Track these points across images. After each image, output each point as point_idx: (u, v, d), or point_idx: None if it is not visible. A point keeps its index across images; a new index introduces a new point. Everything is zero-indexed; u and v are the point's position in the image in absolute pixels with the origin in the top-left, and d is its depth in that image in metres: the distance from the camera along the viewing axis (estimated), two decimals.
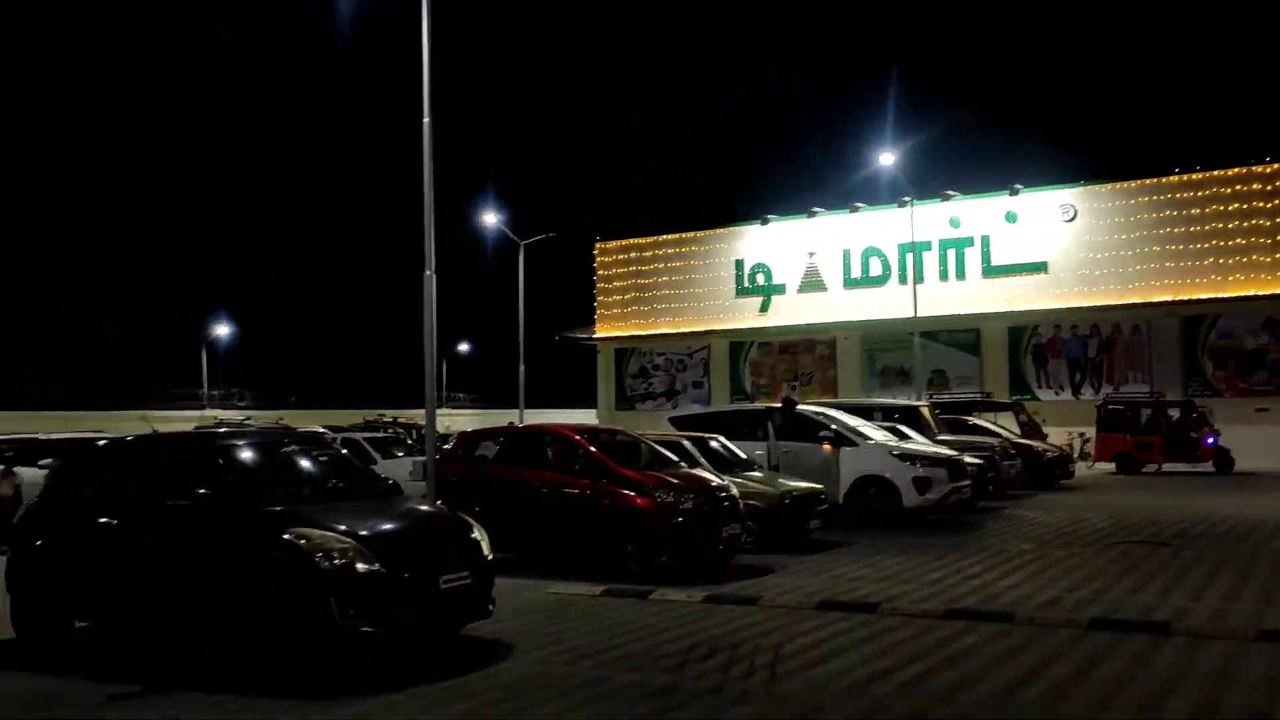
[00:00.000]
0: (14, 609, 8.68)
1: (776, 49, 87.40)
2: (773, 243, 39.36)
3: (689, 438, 14.36)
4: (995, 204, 35.01)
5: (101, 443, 10.27)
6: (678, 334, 41.24)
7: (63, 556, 8.55)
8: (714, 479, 12.04)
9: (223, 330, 52.83)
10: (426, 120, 14.14)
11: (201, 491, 7.80)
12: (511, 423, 28.27)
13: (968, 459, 17.07)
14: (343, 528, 7.44)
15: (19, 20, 71.00)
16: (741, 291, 39.88)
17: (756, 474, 14.02)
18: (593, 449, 11.83)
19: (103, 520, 8.39)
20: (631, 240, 43.11)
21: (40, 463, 16.82)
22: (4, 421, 28.87)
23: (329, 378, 61.85)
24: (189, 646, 7.91)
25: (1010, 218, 34.58)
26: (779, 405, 17.06)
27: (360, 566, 7.20)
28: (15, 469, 16.34)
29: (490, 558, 8.15)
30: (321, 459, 9.39)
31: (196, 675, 7.25)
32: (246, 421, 30.17)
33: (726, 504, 11.54)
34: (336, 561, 7.16)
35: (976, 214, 35.23)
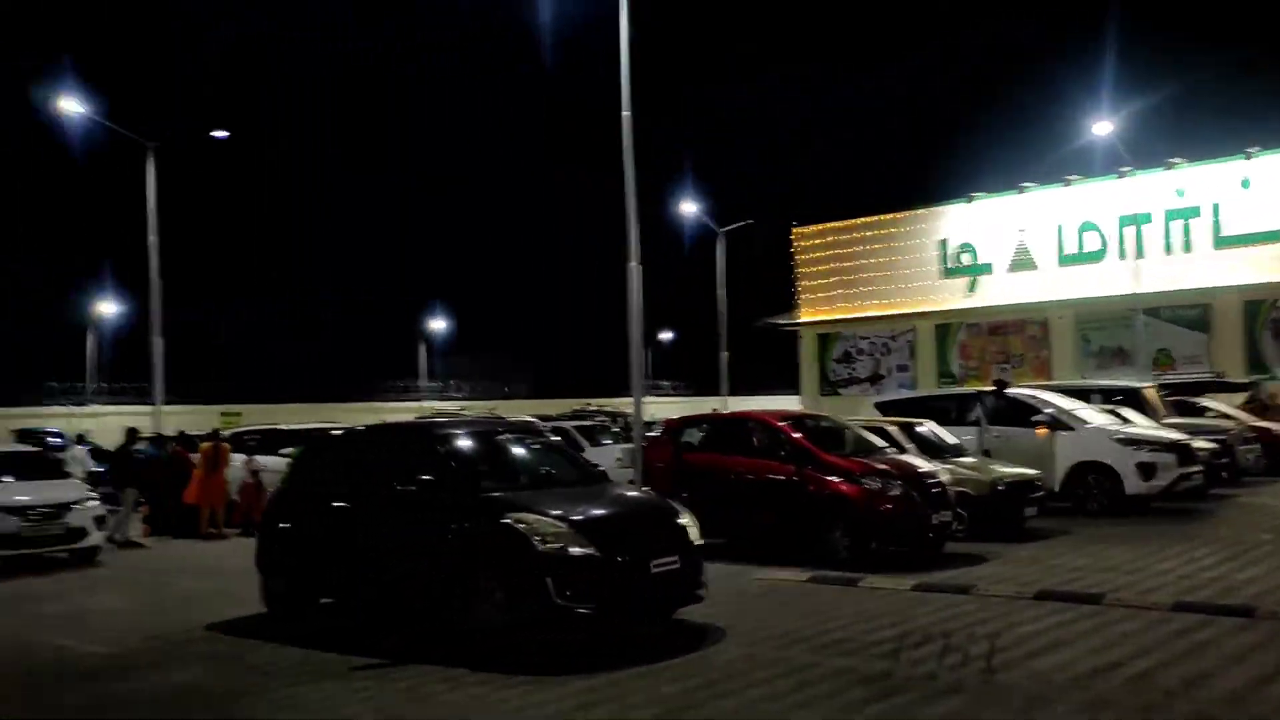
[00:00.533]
0: (264, 587, 9.47)
1: (978, 11, 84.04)
2: (979, 221, 37.93)
3: (895, 423, 14.13)
4: (1227, 170, 32.55)
5: (335, 432, 11.04)
6: (881, 317, 40.40)
7: (304, 539, 9.28)
8: (922, 465, 11.81)
9: (439, 325, 55.55)
10: (626, 114, 14.44)
11: (425, 478, 8.28)
12: (715, 409, 28.46)
13: (1198, 443, 16.02)
14: (557, 512, 7.75)
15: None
16: (947, 272, 38.65)
17: (967, 460, 13.64)
18: (797, 435, 11.82)
19: (337, 505, 9.06)
20: (830, 224, 42.48)
21: (280, 451, 18.15)
22: (249, 414, 31.32)
23: (539, 369, 63.93)
24: (421, 623, 8.43)
25: (1245, 184, 32.09)
26: (989, 388, 16.51)
27: (575, 550, 7.48)
28: (257, 457, 17.72)
29: (699, 543, 8.30)
30: (534, 447, 9.79)
31: (428, 652, 7.71)
32: (462, 412, 31.62)
33: (936, 491, 11.30)
34: (552, 545, 7.47)
35: (1205, 181, 32.84)
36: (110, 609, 10.50)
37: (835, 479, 11.18)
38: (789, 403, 39.88)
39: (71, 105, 23.57)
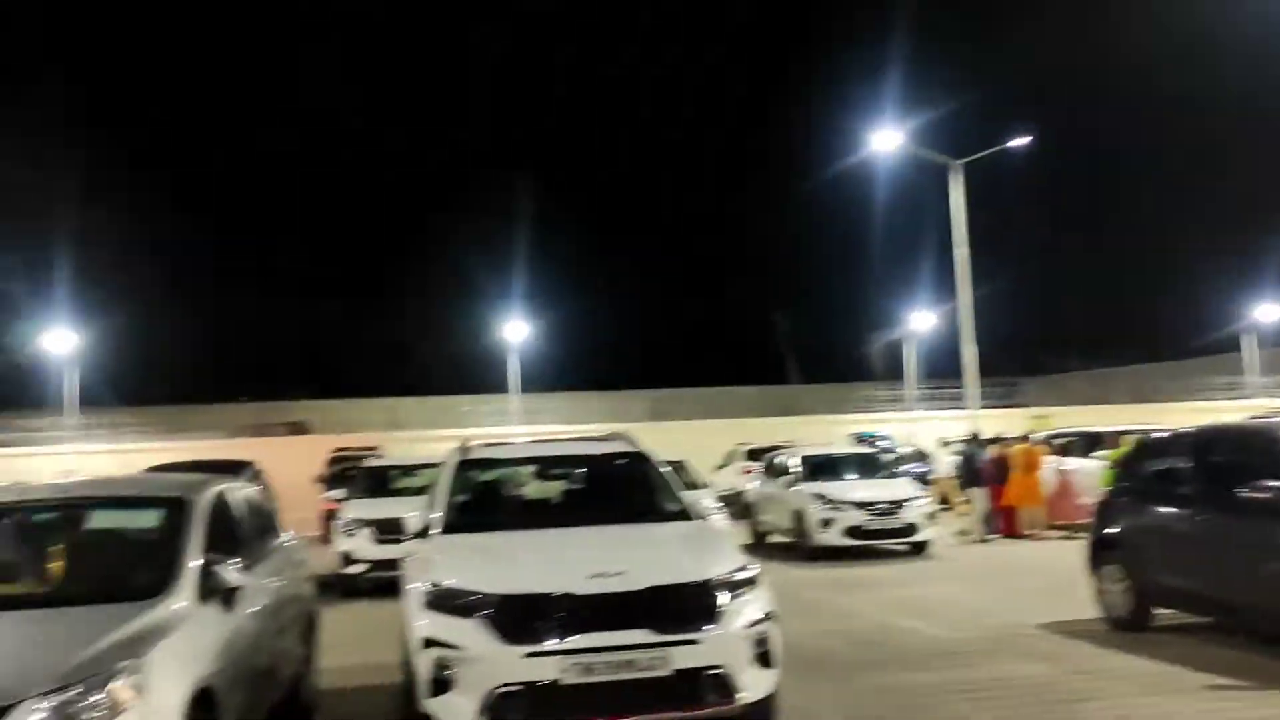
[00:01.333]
0: (1096, 592, 9.35)
1: None
2: None
3: None
4: None
5: (1160, 435, 10.52)
6: None
7: (1137, 546, 8.97)
8: None
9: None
10: None
11: (1272, 484, 7.46)
12: None
13: None
14: None
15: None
16: None
17: None
18: None
19: (1171, 511, 8.61)
20: None
21: (1092, 454, 17.83)
22: (1064, 416, 30.91)
23: None
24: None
25: None
26: None
27: None
28: (1065, 459, 17.85)
29: None
30: None
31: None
32: None
33: None
34: None
35: None
36: (946, 599, 11.27)
37: None
38: None
39: (890, 138, 26.13)
